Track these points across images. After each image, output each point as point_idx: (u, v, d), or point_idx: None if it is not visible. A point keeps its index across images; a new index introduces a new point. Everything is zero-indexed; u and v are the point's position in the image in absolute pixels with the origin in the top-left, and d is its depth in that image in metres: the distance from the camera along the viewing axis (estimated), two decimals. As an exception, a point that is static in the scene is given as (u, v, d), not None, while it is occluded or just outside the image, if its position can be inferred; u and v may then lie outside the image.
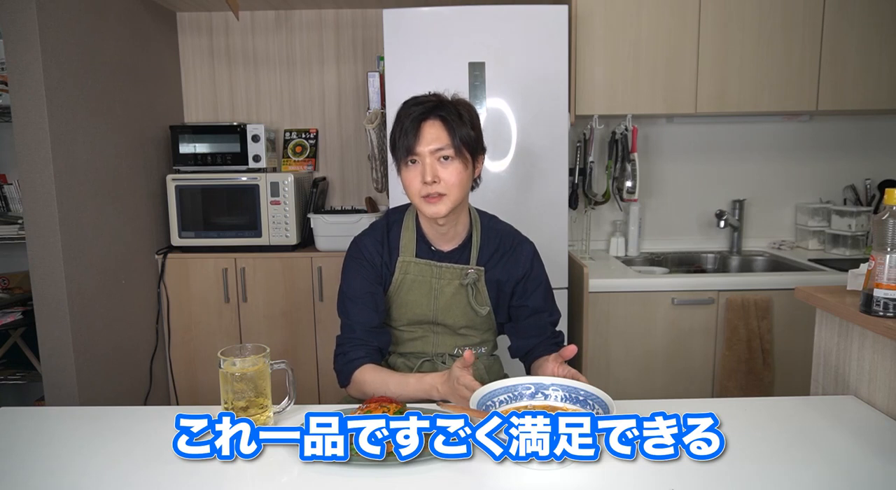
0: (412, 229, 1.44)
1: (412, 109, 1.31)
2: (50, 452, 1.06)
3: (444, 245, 1.43)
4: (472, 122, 1.34)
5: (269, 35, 2.87)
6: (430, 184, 1.30)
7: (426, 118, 1.30)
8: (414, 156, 1.31)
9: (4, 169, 2.71)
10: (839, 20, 2.40)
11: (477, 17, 2.14)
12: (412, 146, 1.30)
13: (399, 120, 1.33)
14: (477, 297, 1.43)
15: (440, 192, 1.30)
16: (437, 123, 1.30)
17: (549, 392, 1.16)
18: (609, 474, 0.97)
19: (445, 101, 1.34)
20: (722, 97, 2.45)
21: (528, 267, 1.45)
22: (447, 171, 1.31)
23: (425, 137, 1.29)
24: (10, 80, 1.95)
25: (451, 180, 1.31)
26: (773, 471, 0.98)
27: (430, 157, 1.30)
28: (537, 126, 2.18)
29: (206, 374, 2.61)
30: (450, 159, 1.31)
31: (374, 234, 1.45)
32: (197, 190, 2.56)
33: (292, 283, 2.56)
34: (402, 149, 1.31)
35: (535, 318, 1.45)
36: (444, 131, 1.30)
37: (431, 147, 1.30)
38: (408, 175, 1.33)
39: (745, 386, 2.28)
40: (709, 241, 2.89)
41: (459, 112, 1.33)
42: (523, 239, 1.49)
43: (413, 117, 1.30)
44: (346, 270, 1.45)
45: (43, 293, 2.05)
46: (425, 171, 1.29)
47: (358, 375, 1.36)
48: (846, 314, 1.30)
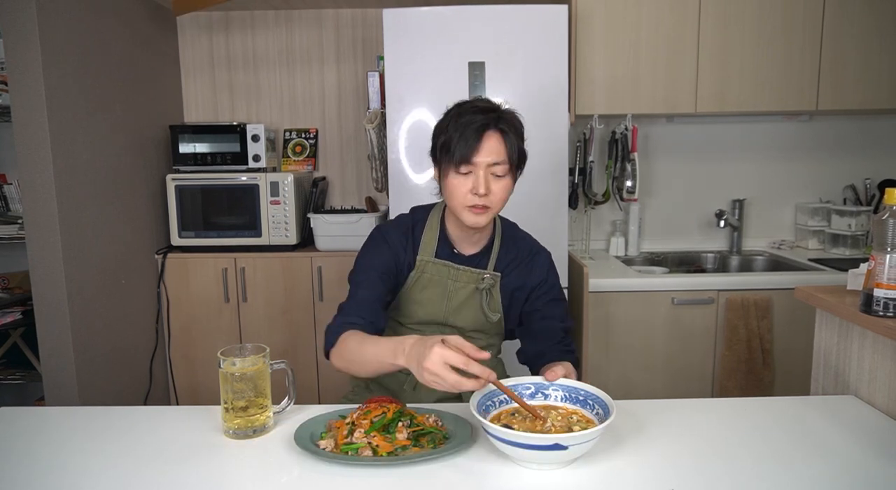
0: (435, 229, 1.43)
1: (474, 118, 1.28)
2: (50, 452, 1.06)
3: (466, 249, 1.43)
4: (522, 137, 1.34)
5: (269, 35, 2.87)
6: (481, 196, 1.28)
7: (487, 129, 1.28)
8: (470, 166, 1.28)
9: (4, 169, 2.71)
10: (839, 20, 2.40)
11: (477, 16, 2.13)
12: (470, 156, 1.27)
13: (457, 125, 1.28)
14: (490, 303, 1.43)
15: (486, 204, 1.30)
16: (497, 136, 1.28)
17: (549, 392, 1.16)
18: (609, 474, 0.97)
19: (504, 114, 1.31)
20: (722, 97, 2.45)
21: (543, 276, 1.45)
22: (498, 185, 1.30)
23: (484, 149, 1.27)
24: (10, 80, 1.95)
25: (499, 195, 1.30)
26: (773, 471, 0.98)
27: (485, 170, 1.28)
28: (537, 126, 2.17)
29: (206, 374, 2.61)
30: (503, 174, 1.30)
31: (400, 227, 1.44)
32: (197, 190, 2.56)
33: (292, 282, 2.56)
34: (457, 156, 1.27)
35: (548, 323, 1.45)
36: (503, 145, 1.29)
37: (489, 160, 1.28)
38: (456, 182, 1.30)
39: (745, 386, 2.28)
40: (709, 241, 2.89)
41: (516, 126, 1.32)
42: (541, 248, 1.49)
43: (476, 126, 1.27)
44: (366, 248, 1.42)
45: (43, 293, 2.05)
46: (479, 183, 1.27)
47: (344, 337, 1.26)
48: (846, 314, 1.30)
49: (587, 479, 0.96)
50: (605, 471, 0.98)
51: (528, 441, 0.94)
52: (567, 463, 0.99)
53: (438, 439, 1.05)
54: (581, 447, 0.96)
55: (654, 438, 1.10)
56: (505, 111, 1.32)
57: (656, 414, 1.20)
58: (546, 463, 0.98)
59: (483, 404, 1.08)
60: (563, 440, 0.94)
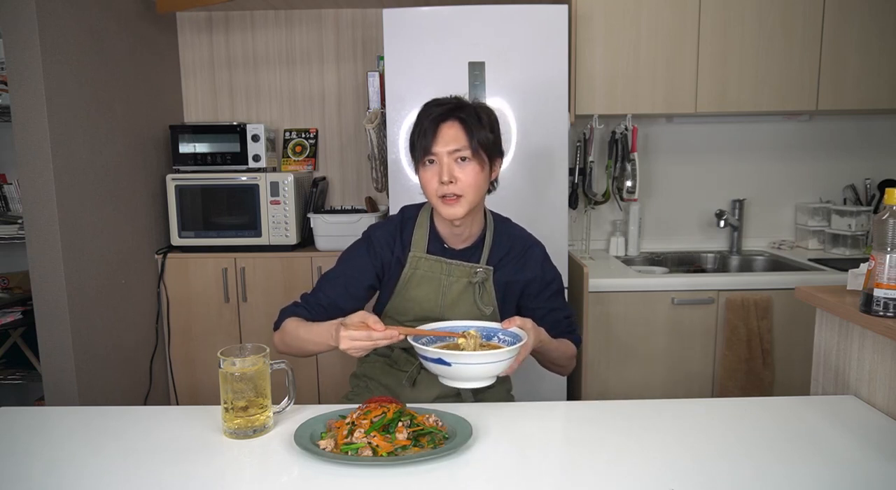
0: (425, 226, 1.45)
1: (432, 110, 1.33)
2: (50, 452, 1.06)
3: (456, 244, 1.45)
4: (490, 126, 1.36)
5: (269, 35, 2.87)
6: (446, 184, 1.31)
7: (445, 119, 1.32)
8: (431, 156, 1.32)
9: (4, 169, 2.71)
10: (839, 20, 2.40)
11: (477, 17, 2.13)
12: (429, 146, 1.31)
13: (419, 120, 1.35)
14: (483, 297, 1.44)
15: (457, 193, 1.32)
16: (455, 124, 1.32)
17: (500, 336, 1.27)
18: (609, 474, 0.97)
19: (465, 104, 1.35)
20: (722, 97, 2.45)
21: (538, 271, 1.47)
22: (464, 171, 1.32)
23: (443, 138, 1.31)
24: (10, 80, 1.95)
25: (467, 181, 1.32)
26: (773, 471, 0.98)
27: (448, 157, 1.32)
28: (537, 126, 2.18)
29: (206, 374, 2.61)
30: (467, 160, 1.32)
31: (389, 227, 1.47)
32: (197, 190, 2.56)
33: (292, 282, 2.56)
34: (419, 148, 1.33)
35: (552, 315, 1.48)
36: (463, 132, 1.31)
37: (449, 148, 1.31)
38: (425, 175, 1.35)
39: (745, 386, 2.28)
40: (709, 241, 2.89)
41: (479, 114, 1.34)
42: (534, 242, 1.51)
43: (432, 118, 1.32)
44: (350, 252, 1.48)
45: (43, 293, 2.05)
46: (442, 171, 1.31)
47: (288, 322, 1.40)
48: (846, 314, 1.30)
49: (587, 479, 0.96)
50: (605, 470, 0.98)
51: (424, 353, 1.15)
52: (475, 381, 1.16)
53: (438, 439, 1.05)
54: (465, 368, 1.13)
55: (654, 438, 1.10)
56: (468, 103, 1.36)
57: (656, 414, 1.21)
58: (449, 378, 1.16)
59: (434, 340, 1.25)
60: (445, 356, 1.12)
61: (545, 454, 1.06)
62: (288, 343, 1.39)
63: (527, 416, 1.21)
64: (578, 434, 1.16)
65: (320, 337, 1.28)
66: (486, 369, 1.15)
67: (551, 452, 1.08)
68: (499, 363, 1.14)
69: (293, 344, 1.37)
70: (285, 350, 1.41)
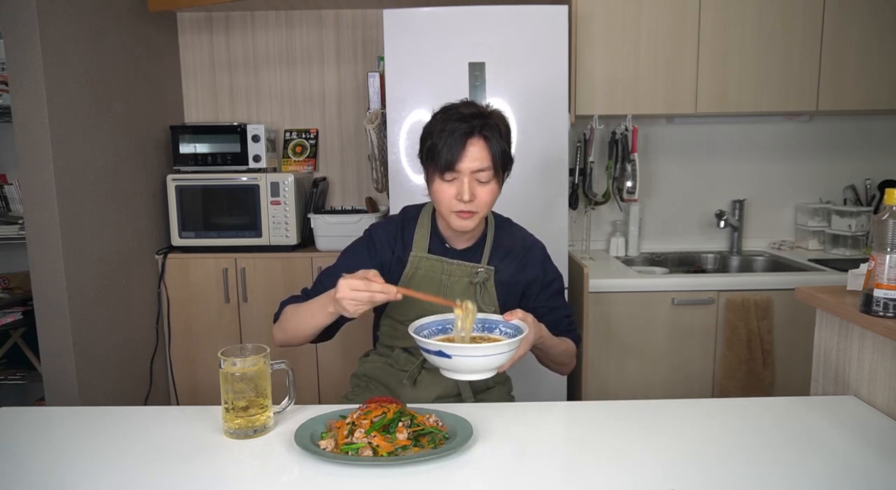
0: (427, 226, 1.45)
1: (457, 125, 1.30)
2: (50, 452, 1.06)
3: (458, 244, 1.46)
4: (507, 139, 1.35)
5: (269, 35, 2.87)
6: (466, 202, 1.31)
7: (471, 136, 1.30)
8: (454, 173, 1.31)
9: (4, 169, 2.71)
10: (839, 20, 2.40)
11: (477, 17, 2.14)
12: (454, 163, 1.29)
13: (441, 132, 1.30)
14: (484, 297, 1.44)
15: (472, 210, 1.32)
16: (479, 141, 1.30)
17: (501, 329, 1.26)
18: (609, 474, 0.97)
19: (488, 118, 1.32)
20: (722, 97, 2.45)
21: (539, 271, 1.48)
22: (484, 190, 1.33)
23: (468, 156, 1.30)
24: (10, 80, 1.95)
25: (485, 200, 1.33)
26: (773, 471, 0.98)
27: (470, 176, 1.31)
28: (537, 126, 2.18)
29: (207, 374, 2.61)
30: (486, 180, 1.32)
31: (390, 226, 1.47)
32: (197, 190, 2.56)
33: (292, 283, 2.55)
34: (442, 163, 1.30)
35: (552, 314, 1.48)
36: (487, 151, 1.31)
37: (473, 166, 1.30)
38: (441, 187, 1.33)
39: (745, 386, 2.28)
40: (709, 241, 2.89)
41: (500, 129, 1.33)
42: (535, 242, 1.51)
43: (458, 134, 1.29)
44: (351, 249, 1.47)
45: (43, 293, 2.05)
46: (463, 189, 1.30)
47: (286, 309, 1.40)
48: (846, 314, 1.30)
49: (587, 479, 0.96)
50: (605, 470, 0.98)
51: (425, 346, 1.13)
52: (475, 374, 1.14)
53: (438, 439, 1.05)
54: (466, 360, 1.12)
55: (654, 438, 1.10)
56: (490, 115, 1.34)
57: (656, 414, 1.21)
58: (450, 370, 1.14)
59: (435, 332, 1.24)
60: (446, 349, 1.10)
61: (545, 454, 1.06)
62: (286, 328, 1.38)
63: (527, 416, 1.22)
64: (578, 434, 1.16)
65: (319, 301, 1.28)
66: (486, 361, 1.14)
67: (551, 452, 1.08)
68: (499, 355, 1.13)
69: (292, 327, 1.36)
70: (283, 338, 1.40)
